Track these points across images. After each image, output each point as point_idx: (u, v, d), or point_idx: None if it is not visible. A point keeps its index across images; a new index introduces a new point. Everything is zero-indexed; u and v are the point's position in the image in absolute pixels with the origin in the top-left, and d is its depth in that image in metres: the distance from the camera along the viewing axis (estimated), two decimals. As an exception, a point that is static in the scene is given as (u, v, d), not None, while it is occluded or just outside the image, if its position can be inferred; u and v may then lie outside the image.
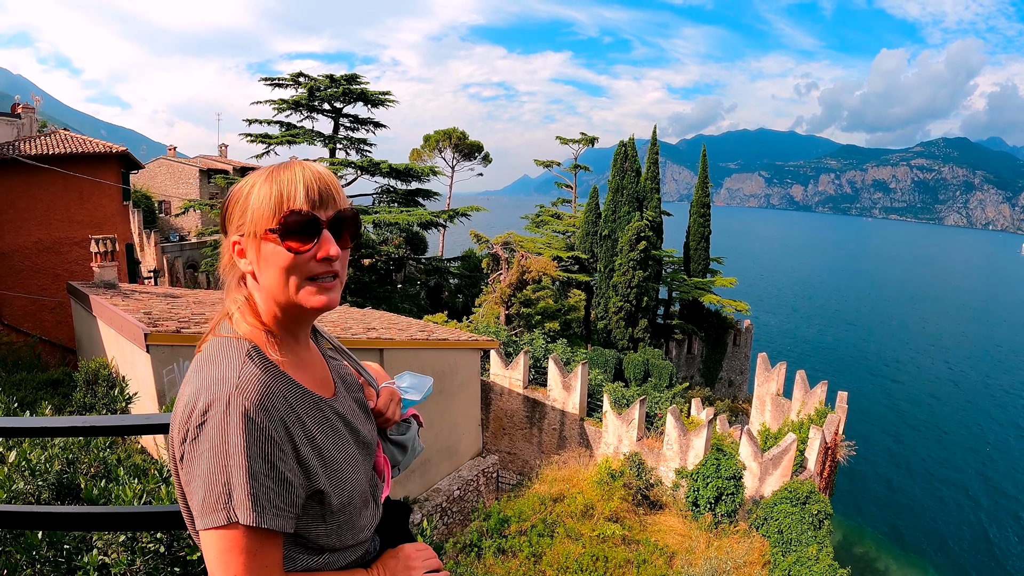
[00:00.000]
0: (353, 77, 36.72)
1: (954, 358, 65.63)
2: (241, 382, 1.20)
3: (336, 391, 1.55)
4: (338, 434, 1.44)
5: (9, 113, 28.58)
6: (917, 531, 31.27)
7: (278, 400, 1.26)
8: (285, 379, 1.34)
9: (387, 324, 16.34)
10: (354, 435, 1.52)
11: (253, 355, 1.29)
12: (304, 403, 1.36)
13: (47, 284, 18.79)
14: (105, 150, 20.07)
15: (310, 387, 1.43)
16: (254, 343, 1.34)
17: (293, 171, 1.34)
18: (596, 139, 52.16)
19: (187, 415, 1.19)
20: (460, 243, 51.95)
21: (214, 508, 1.14)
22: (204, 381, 1.22)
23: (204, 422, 1.17)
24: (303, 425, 1.32)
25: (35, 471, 3.79)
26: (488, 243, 37.65)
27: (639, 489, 18.00)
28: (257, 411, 1.18)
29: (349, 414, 1.53)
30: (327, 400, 1.46)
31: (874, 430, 42.65)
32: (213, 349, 1.32)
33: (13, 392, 10.43)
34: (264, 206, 1.31)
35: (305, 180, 1.33)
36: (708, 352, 40.70)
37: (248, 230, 1.33)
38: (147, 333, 8.71)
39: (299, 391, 1.36)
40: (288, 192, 1.31)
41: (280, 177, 1.33)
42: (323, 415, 1.41)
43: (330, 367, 1.61)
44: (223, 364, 1.25)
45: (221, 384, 1.20)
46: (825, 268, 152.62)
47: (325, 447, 1.36)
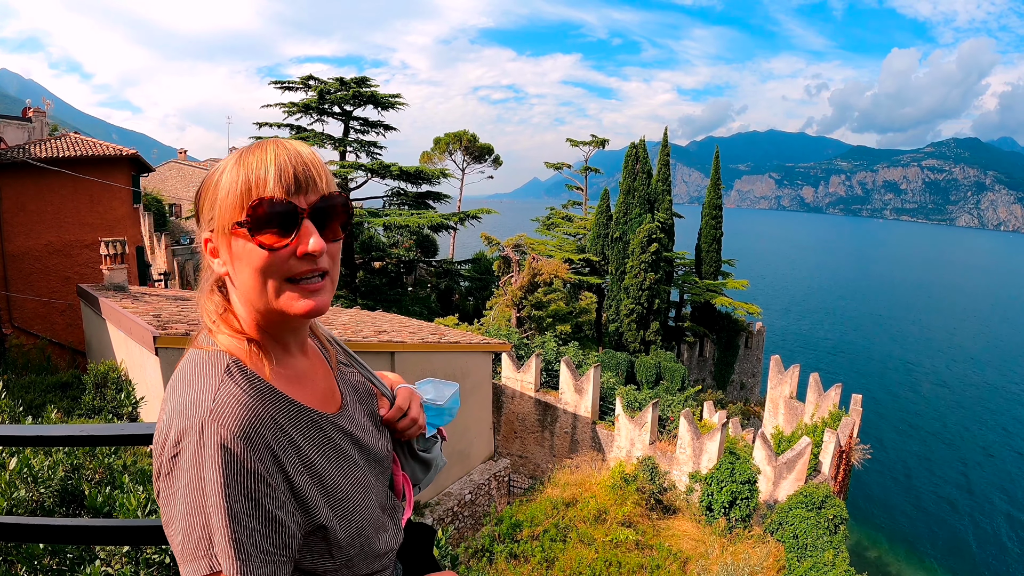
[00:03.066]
0: (363, 80, 36.69)
1: (968, 360, 65.00)
2: (217, 405, 1.02)
3: (343, 404, 1.36)
4: (343, 456, 1.25)
5: (21, 117, 28.76)
6: (931, 536, 30.88)
7: (264, 423, 1.07)
8: (274, 396, 1.15)
9: (398, 327, 16.24)
10: (364, 453, 1.33)
11: (233, 370, 1.11)
12: (300, 423, 1.17)
13: (57, 287, 18.78)
14: (115, 153, 20.07)
15: (308, 402, 1.23)
16: (235, 356, 1.15)
17: (264, 152, 1.13)
18: (607, 141, 51.96)
19: (160, 446, 1.04)
20: (471, 246, 51.90)
21: (194, 555, 0.97)
22: (176, 405, 1.05)
23: (177, 454, 1.00)
24: (298, 450, 1.13)
25: (37, 478, 3.68)
26: (499, 245, 37.54)
27: (652, 493, 17.82)
28: (236, 440, 1.00)
29: (358, 430, 1.34)
30: (329, 416, 1.27)
31: (887, 433, 42.27)
32: (187, 365, 1.14)
33: (22, 395, 10.39)
34: (230, 195, 1.11)
35: (278, 162, 1.11)
36: (720, 355, 40.41)
37: (217, 225, 1.14)
38: (156, 336, 8.62)
39: (292, 409, 1.17)
40: (257, 177, 1.10)
41: (248, 160, 1.12)
42: (324, 435, 1.22)
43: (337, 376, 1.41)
44: (196, 384, 1.07)
45: (193, 409, 1.02)
46: (837, 270, 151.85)
47: (327, 473, 1.18)
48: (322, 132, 36.96)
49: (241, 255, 1.12)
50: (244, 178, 1.10)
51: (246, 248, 1.10)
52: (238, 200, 1.10)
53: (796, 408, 25.43)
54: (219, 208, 1.12)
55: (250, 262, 1.11)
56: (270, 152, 1.12)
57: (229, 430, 1.00)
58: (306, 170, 1.13)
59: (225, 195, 1.11)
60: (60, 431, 1.88)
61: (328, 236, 1.16)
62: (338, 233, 1.19)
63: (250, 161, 1.11)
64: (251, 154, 1.13)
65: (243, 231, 1.09)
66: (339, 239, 1.20)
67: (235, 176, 1.11)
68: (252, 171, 1.10)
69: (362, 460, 1.31)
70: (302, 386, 1.25)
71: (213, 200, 1.14)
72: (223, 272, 1.17)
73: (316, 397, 1.27)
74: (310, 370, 1.31)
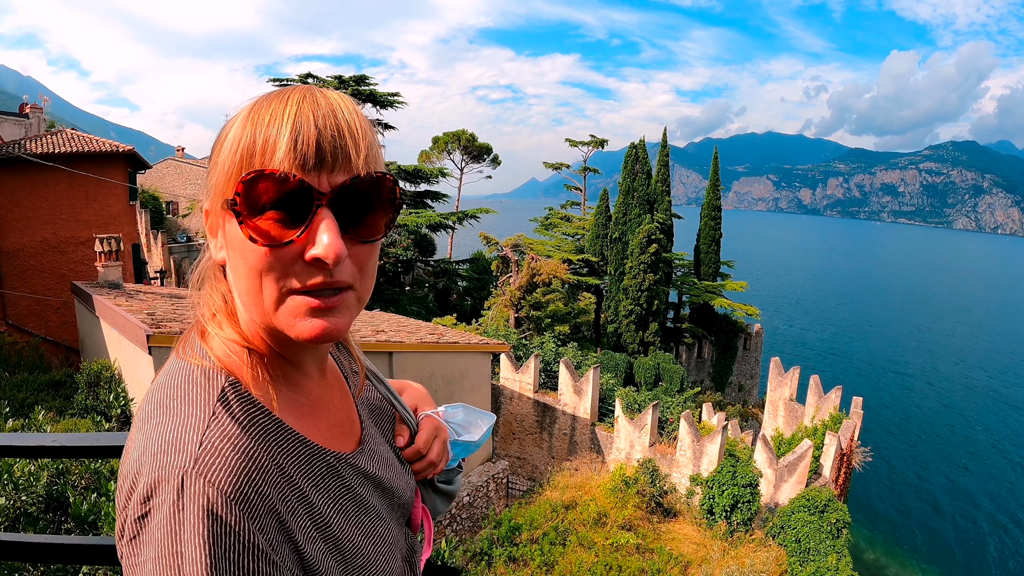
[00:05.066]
0: (362, 78, 36.57)
1: (968, 363, 65.15)
2: (204, 451, 0.72)
3: (363, 437, 1.06)
4: (364, 507, 0.96)
5: (18, 113, 28.58)
6: (929, 538, 30.88)
7: (268, 476, 0.77)
8: (284, 435, 0.85)
9: (396, 327, 16.06)
10: (387, 498, 1.04)
11: (230, 397, 0.81)
12: (314, 471, 0.88)
13: (52, 284, 18.60)
14: (112, 149, 19.89)
15: (324, 440, 0.94)
16: (233, 374, 0.85)
17: (285, 103, 0.80)
18: (606, 141, 51.96)
19: (124, 497, 0.73)
20: (469, 245, 51.80)
21: None
22: (148, 443, 0.75)
23: (147, 514, 0.70)
24: (310, 508, 0.83)
25: (19, 485, 3.50)
26: (497, 245, 37.39)
27: (653, 496, 17.65)
28: (229, 503, 0.70)
29: (380, 467, 1.05)
30: (348, 457, 0.97)
31: (886, 435, 42.31)
32: (168, 383, 0.83)
33: (13, 393, 10.22)
34: (227, 160, 0.80)
35: (298, 120, 0.78)
36: (718, 356, 40.29)
37: (211, 197, 0.84)
38: (150, 335, 8.43)
39: (307, 452, 0.88)
40: (265, 139, 0.78)
41: (261, 113, 0.80)
42: (342, 483, 0.93)
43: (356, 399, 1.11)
44: (178, 414, 0.77)
45: (171, 453, 0.72)
46: (835, 272, 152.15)
47: (345, 535, 0.89)
48: (321, 130, 36.83)
49: (234, 244, 0.81)
50: (249, 138, 0.79)
51: (238, 237, 0.80)
52: (235, 169, 0.79)
53: (796, 410, 25.29)
54: (216, 175, 0.83)
55: (243, 256, 0.80)
56: (291, 105, 0.80)
57: (220, 489, 0.70)
58: (337, 137, 0.79)
59: (224, 158, 0.81)
60: (32, 441, 1.69)
61: (359, 235, 0.83)
62: (375, 231, 0.85)
63: (262, 115, 0.80)
64: (268, 104, 0.81)
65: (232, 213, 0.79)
66: (374, 240, 0.86)
67: (239, 134, 0.80)
68: (261, 130, 0.79)
69: (385, 509, 1.03)
70: (316, 418, 0.96)
71: (215, 162, 0.84)
72: (220, 260, 0.88)
73: (332, 432, 0.98)
74: (325, 393, 1.02)
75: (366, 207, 0.83)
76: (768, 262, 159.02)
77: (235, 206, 0.77)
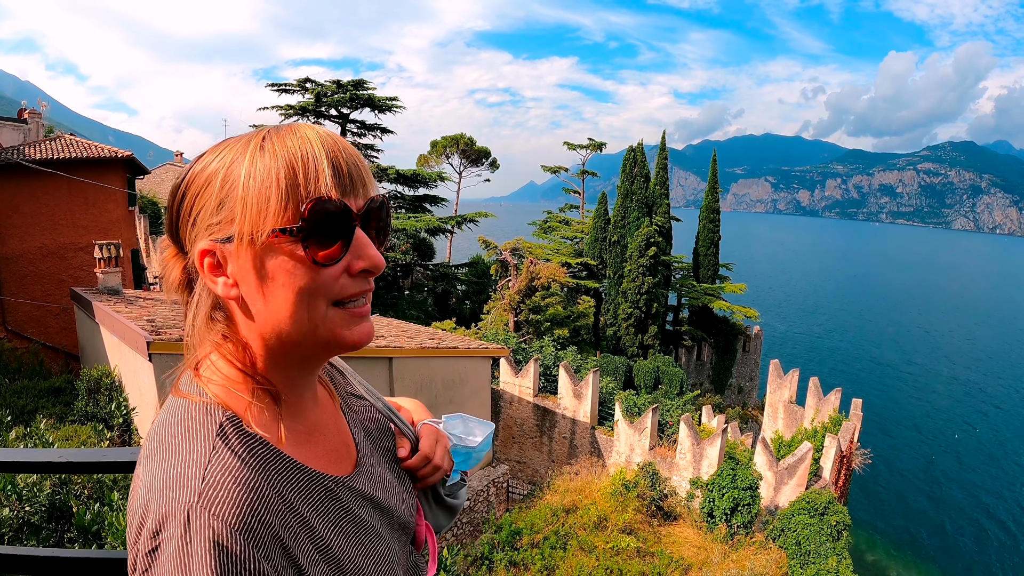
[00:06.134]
0: (360, 82, 36.62)
1: (969, 364, 65.12)
2: (207, 486, 0.76)
3: (359, 459, 1.09)
4: (363, 529, 0.99)
5: (16, 118, 28.54)
6: (930, 539, 30.89)
7: (271, 506, 0.81)
8: (283, 464, 0.89)
9: (396, 332, 16.06)
10: (386, 518, 1.07)
11: (229, 432, 0.85)
12: (313, 496, 0.92)
13: (52, 290, 18.58)
14: (110, 155, 19.88)
15: (321, 466, 0.98)
16: (231, 410, 0.88)
17: (307, 138, 0.86)
18: (604, 145, 51.96)
19: (135, 533, 0.77)
20: (468, 249, 51.78)
21: None
22: (153, 481, 0.79)
23: (156, 548, 0.73)
24: (311, 533, 0.87)
25: (22, 496, 3.50)
26: (496, 249, 37.40)
27: (653, 500, 17.65)
28: (234, 534, 0.74)
29: (378, 489, 1.08)
30: (346, 480, 1.01)
31: (886, 437, 42.27)
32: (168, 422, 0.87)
33: (14, 400, 10.20)
34: (267, 191, 0.83)
35: (330, 151, 0.86)
36: (718, 358, 40.32)
37: (238, 231, 0.84)
38: (150, 341, 8.43)
39: (305, 478, 0.92)
40: (306, 168, 0.83)
41: (287, 147, 0.85)
42: (342, 506, 0.97)
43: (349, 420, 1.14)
44: (180, 451, 0.81)
45: (176, 489, 0.76)
46: (834, 274, 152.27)
47: (347, 556, 0.92)
48: (319, 135, 36.91)
49: (276, 273, 0.85)
50: (288, 169, 0.83)
51: (286, 264, 0.84)
52: (281, 198, 0.83)
53: (796, 413, 25.28)
54: (242, 209, 0.84)
55: (291, 281, 0.84)
56: (314, 139, 0.87)
57: (224, 521, 0.74)
58: (356, 165, 0.89)
59: (258, 190, 0.83)
60: (34, 456, 1.70)
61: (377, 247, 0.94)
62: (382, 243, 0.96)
63: (290, 149, 0.85)
64: (288, 139, 0.86)
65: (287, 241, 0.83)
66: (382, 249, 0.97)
67: (271, 166, 0.84)
68: (299, 161, 0.84)
69: (385, 528, 1.06)
70: (313, 444, 1.00)
71: (224, 199, 0.85)
72: (232, 296, 0.88)
73: (329, 456, 1.02)
74: (322, 418, 1.06)
75: (379, 224, 0.95)
76: (767, 264, 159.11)
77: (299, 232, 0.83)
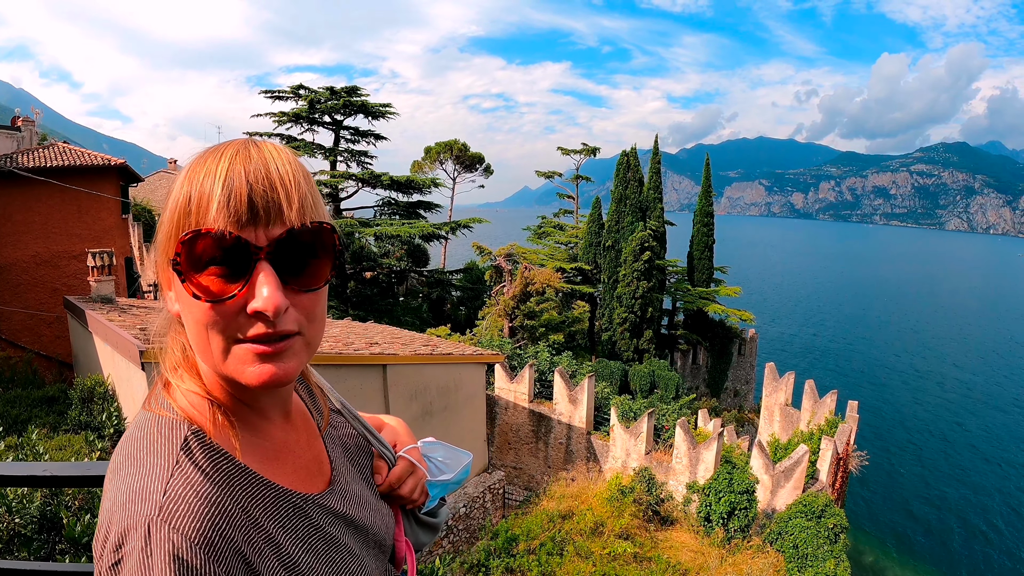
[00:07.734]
0: (353, 89, 36.61)
1: (963, 365, 65.27)
2: (168, 500, 0.76)
3: (333, 477, 1.07)
4: (335, 547, 0.98)
5: (9, 126, 28.47)
6: (926, 540, 30.93)
7: (232, 520, 0.80)
8: (245, 478, 0.87)
9: (390, 338, 16.03)
10: (360, 536, 1.05)
11: (193, 447, 0.84)
12: (280, 513, 0.90)
13: (45, 298, 18.53)
14: (104, 163, 19.85)
15: (290, 483, 0.96)
16: (195, 424, 0.88)
17: (217, 161, 0.83)
18: (598, 149, 52.13)
19: (99, 546, 0.76)
20: (462, 255, 51.82)
21: None
22: (117, 495, 0.78)
23: (119, 562, 0.73)
24: (277, 550, 0.86)
25: (12, 508, 3.48)
26: (491, 255, 37.38)
27: (649, 505, 17.62)
28: (194, 548, 0.73)
29: (352, 507, 1.06)
30: (315, 498, 0.99)
31: (883, 439, 42.34)
32: (134, 436, 0.86)
33: (7, 410, 10.16)
34: (167, 219, 0.84)
35: (229, 178, 0.81)
36: (713, 362, 40.37)
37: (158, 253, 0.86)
38: (142, 350, 8.40)
39: (272, 495, 0.90)
40: (199, 197, 0.81)
41: (197, 171, 0.83)
42: (311, 523, 0.95)
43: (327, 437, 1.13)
44: (143, 466, 0.80)
45: (138, 503, 0.75)
46: (828, 276, 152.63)
47: (315, 572, 0.91)
48: (312, 142, 36.90)
49: (182, 299, 0.85)
50: (185, 197, 0.82)
51: (183, 295, 0.83)
52: (174, 228, 0.83)
53: (792, 415, 25.32)
54: (160, 232, 0.86)
55: (190, 311, 0.83)
56: (223, 161, 0.83)
57: (184, 535, 0.74)
58: (269, 192, 0.82)
59: (165, 217, 0.84)
60: (19, 470, 1.69)
61: (301, 284, 0.86)
62: (317, 279, 0.88)
63: (197, 173, 0.83)
64: (203, 161, 0.84)
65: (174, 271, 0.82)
66: (317, 288, 0.88)
67: (176, 193, 0.84)
68: (196, 188, 0.82)
69: (359, 546, 1.04)
70: (281, 461, 0.98)
71: (161, 220, 0.87)
72: (175, 312, 0.90)
73: (299, 474, 1.01)
74: (291, 436, 1.03)
75: (307, 256, 0.86)
76: (762, 267, 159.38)
77: (177, 265, 0.81)
